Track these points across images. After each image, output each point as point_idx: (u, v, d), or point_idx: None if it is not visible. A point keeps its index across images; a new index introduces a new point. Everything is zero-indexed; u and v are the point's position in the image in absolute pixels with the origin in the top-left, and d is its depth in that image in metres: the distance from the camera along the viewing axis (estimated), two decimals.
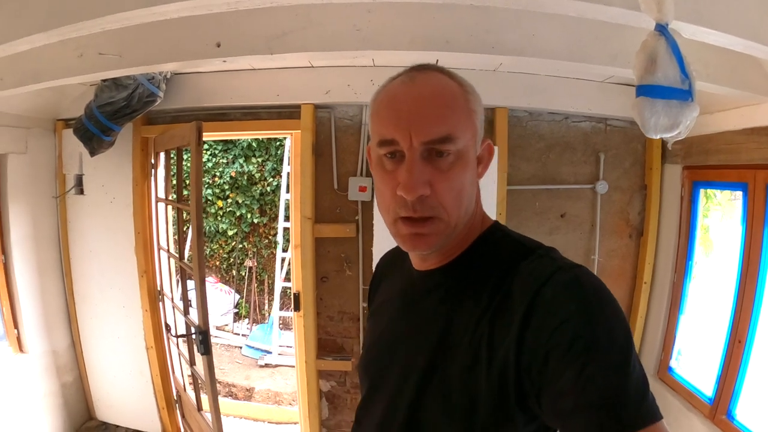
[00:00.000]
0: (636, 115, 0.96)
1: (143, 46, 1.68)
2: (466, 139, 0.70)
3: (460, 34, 1.45)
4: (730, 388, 2.08)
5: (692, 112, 0.93)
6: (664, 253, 2.64)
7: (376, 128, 0.72)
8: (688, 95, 0.92)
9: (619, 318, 0.61)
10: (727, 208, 2.43)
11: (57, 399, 2.94)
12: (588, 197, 2.71)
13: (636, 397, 0.55)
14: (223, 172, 6.37)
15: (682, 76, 0.91)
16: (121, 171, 2.84)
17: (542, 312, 0.61)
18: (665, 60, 0.90)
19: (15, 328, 2.75)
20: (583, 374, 0.55)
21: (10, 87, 1.97)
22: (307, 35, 1.50)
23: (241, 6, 1.14)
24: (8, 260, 2.72)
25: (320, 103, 2.60)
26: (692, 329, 2.50)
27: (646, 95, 0.92)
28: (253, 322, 6.33)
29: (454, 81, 0.73)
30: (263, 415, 3.98)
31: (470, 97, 0.73)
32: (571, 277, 0.63)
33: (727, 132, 2.17)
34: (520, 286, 0.65)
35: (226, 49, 1.58)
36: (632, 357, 0.57)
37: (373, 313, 0.95)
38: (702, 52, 1.58)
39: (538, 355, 0.60)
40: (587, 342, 0.57)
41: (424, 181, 0.67)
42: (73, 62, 1.81)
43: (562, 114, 2.65)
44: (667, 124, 0.94)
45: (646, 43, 0.92)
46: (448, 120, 0.68)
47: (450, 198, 0.69)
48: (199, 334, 2.19)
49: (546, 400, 0.59)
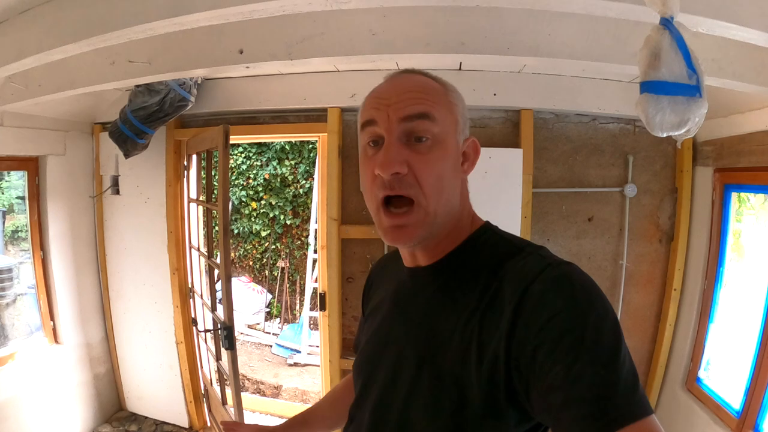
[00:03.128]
0: (640, 113, 0.94)
1: (170, 54, 1.77)
2: (445, 124, 0.72)
3: (475, 36, 1.45)
4: (759, 401, 2.00)
5: (701, 108, 0.90)
6: (695, 259, 2.55)
7: (360, 117, 0.76)
8: (696, 91, 0.89)
9: (608, 313, 0.61)
10: (761, 212, 2.33)
11: (89, 389, 3.08)
12: (616, 201, 2.65)
13: (625, 392, 0.55)
14: (257, 174, 6.50)
15: (689, 71, 0.88)
16: (156, 172, 2.96)
17: (531, 308, 0.61)
18: (669, 55, 0.87)
19: (51, 320, 2.90)
20: (573, 369, 0.56)
21: (48, 93, 2.09)
22: (325, 40, 1.54)
23: (255, 15, 1.18)
24: (46, 256, 2.86)
25: (346, 106, 2.64)
26: (722, 339, 2.41)
27: (650, 91, 0.90)
28: (284, 321, 6.44)
29: (437, 81, 0.77)
30: (289, 412, 4.03)
31: (450, 93, 0.76)
32: (559, 273, 0.64)
33: (759, 132, 2.08)
34: (510, 283, 0.66)
35: (248, 56, 1.64)
36: (621, 352, 0.57)
37: (367, 317, 0.96)
38: (726, 48, 1.53)
39: (526, 351, 0.60)
40: (576, 337, 0.57)
41: (400, 160, 0.69)
42: (106, 69, 1.92)
43: (590, 115, 2.60)
44: (675, 121, 0.91)
45: (650, 38, 0.90)
46: (425, 101, 0.71)
47: (427, 179, 0.70)
48: (224, 329, 2.25)
49: (535, 396, 0.59)
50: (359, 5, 1.16)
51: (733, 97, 2.01)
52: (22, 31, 1.58)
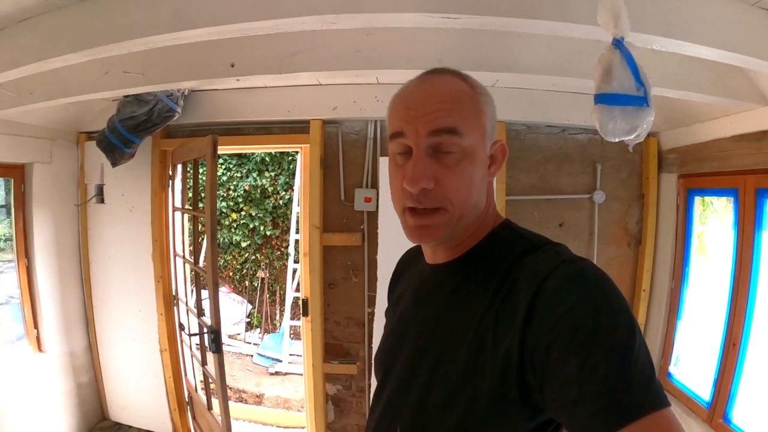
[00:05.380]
0: (595, 121, 1.07)
1: (164, 66, 1.84)
2: (473, 137, 0.73)
3: (451, 54, 1.58)
4: (726, 391, 2.11)
5: (648, 116, 1.03)
6: (662, 260, 2.70)
7: (389, 124, 0.78)
8: (644, 101, 1.02)
9: (623, 306, 0.61)
10: (723, 214, 2.47)
11: (72, 399, 3.06)
12: (586, 207, 2.79)
13: (640, 385, 0.55)
14: (237, 185, 6.55)
15: (637, 84, 1.01)
16: (141, 181, 3.00)
17: (545, 304, 0.62)
18: (620, 70, 1.01)
19: (35, 328, 2.89)
20: (587, 363, 0.56)
21: (40, 100, 2.13)
22: (313, 56, 1.64)
23: (252, 32, 1.28)
24: (31, 264, 2.86)
25: (328, 118, 2.75)
26: (690, 335, 2.54)
27: (604, 102, 1.03)
28: (264, 331, 6.46)
29: (466, 83, 0.76)
30: (272, 419, 4.07)
31: (480, 98, 0.75)
32: (575, 269, 0.65)
33: (719, 139, 2.22)
34: (525, 279, 0.67)
35: (239, 69, 1.73)
36: (636, 344, 0.58)
37: (389, 309, 0.99)
38: (682, 62, 1.67)
39: (541, 347, 0.60)
40: (590, 331, 0.58)
41: (428, 176, 0.70)
42: (99, 79, 1.97)
43: (560, 126, 2.75)
44: (625, 128, 1.04)
45: (603, 56, 1.03)
46: (454, 114, 0.71)
47: (455, 191, 0.72)
48: (211, 333, 2.30)
49: (549, 391, 0.60)
50: (346, 26, 1.26)
51: (693, 107, 2.17)
52: (20, 40, 1.60)
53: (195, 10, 1.29)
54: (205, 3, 1.28)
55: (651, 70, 1.07)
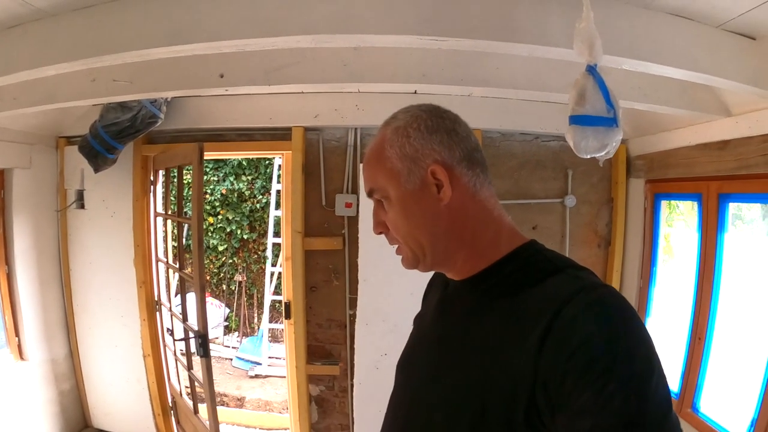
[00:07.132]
0: (569, 140, 1.18)
1: (153, 75, 1.85)
2: (388, 186, 0.79)
3: (434, 69, 1.67)
4: (694, 383, 2.24)
5: (617, 135, 1.15)
6: (631, 261, 2.84)
7: None
8: (614, 122, 1.13)
9: (642, 337, 0.61)
10: (689, 217, 2.60)
11: (54, 406, 3.03)
12: (558, 210, 2.92)
13: (655, 421, 0.56)
14: (214, 189, 6.54)
15: (608, 106, 1.12)
16: (122, 187, 2.98)
17: (562, 332, 0.62)
18: (593, 94, 1.11)
19: (16, 336, 2.86)
20: (602, 395, 0.56)
21: (25, 106, 2.11)
22: (301, 69, 1.70)
23: (248, 48, 1.33)
24: (11, 271, 2.83)
25: (310, 125, 2.80)
26: (657, 331, 2.64)
27: (577, 123, 1.14)
28: (242, 335, 6.45)
29: (388, 130, 0.81)
30: (255, 421, 4.10)
31: (386, 144, 0.80)
32: (595, 297, 0.64)
33: (684, 147, 2.35)
34: (542, 301, 0.66)
35: (228, 80, 1.77)
36: (654, 378, 0.58)
37: (415, 320, 1.02)
38: (649, 78, 1.77)
39: (556, 375, 0.60)
40: (607, 364, 0.58)
41: (377, 222, 0.83)
42: (86, 86, 1.97)
43: (533, 134, 2.86)
44: (596, 146, 1.16)
45: (577, 81, 1.14)
46: (370, 176, 0.82)
47: (398, 230, 0.81)
48: (199, 337, 2.33)
49: (563, 420, 0.60)
50: (337, 44, 1.33)
51: (660, 117, 2.29)
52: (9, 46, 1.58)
53: (192, 25, 1.31)
54: (203, 19, 1.31)
55: (621, 84, 1.19)
